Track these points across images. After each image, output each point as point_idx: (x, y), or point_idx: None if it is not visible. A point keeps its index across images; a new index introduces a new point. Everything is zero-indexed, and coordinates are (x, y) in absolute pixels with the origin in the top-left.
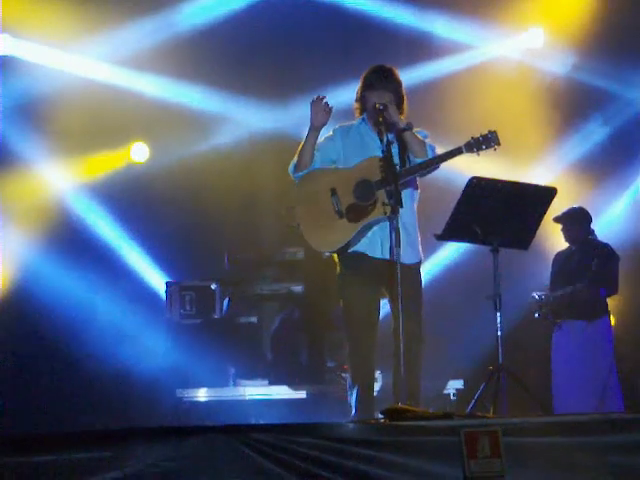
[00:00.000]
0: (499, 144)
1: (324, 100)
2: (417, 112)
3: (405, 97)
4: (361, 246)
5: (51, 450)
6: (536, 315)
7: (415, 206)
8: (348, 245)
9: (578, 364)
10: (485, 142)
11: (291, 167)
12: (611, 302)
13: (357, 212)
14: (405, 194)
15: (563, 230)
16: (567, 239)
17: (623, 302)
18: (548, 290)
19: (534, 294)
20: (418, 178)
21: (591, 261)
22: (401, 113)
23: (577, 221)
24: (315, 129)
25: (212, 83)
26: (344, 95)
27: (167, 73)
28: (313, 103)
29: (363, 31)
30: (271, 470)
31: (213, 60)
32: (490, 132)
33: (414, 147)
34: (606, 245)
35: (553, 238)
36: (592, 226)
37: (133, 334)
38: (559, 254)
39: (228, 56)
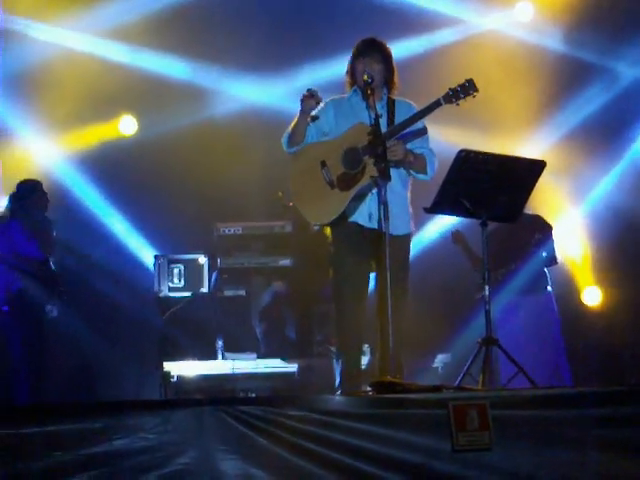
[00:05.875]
0: (477, 90)
1: (314, 94)
2: (406, 86)
3: (395, 70)
4: (354, 216)
5: (39, 422)
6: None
7: (408, 179)
8: (344, 215)
9: (528, 341)
10: (463, 91)
11: (285, 138)
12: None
13: (347, 180)
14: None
15: None
16: None
17: (619, 276)
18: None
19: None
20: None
21: (529, 235)
22: (392, 87)
23: None
24: (304, 112)
25: (202, 56)
26: (332, 69)
27: (157, 46)
28: (304, 97)
29: (353, 4)
30: (258, 442)
31: (203, 33)
32: (467, 80)
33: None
34: (538, 216)
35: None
36: None
37: (121, 307)
38: (492, 232)
39: (219, 29)
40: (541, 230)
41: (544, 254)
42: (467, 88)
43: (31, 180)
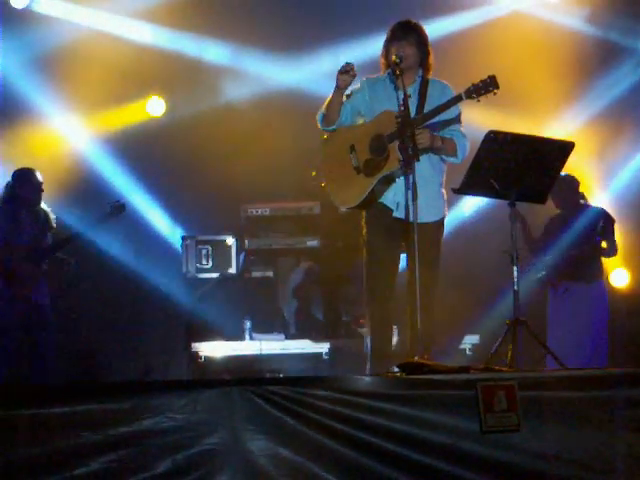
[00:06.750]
0: (498, 88)
1: (351, 69)
2: (434, 68)
3: (431, 53)
4: (384, 199)
5: (67, 402)
6: (539, 275)
7: (442, 164)
8: (372, 198)
9: (574, 326)
10: (484, 87)
11: (319, 115)
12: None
13: (372, 167)
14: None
15: (551, 195)
16: (557, 204)
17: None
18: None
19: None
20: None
21: (593, 224)
22: (428, 69)
23: (564, 187)
24: (340, 89)
25: (230, 37)
26: (362, 50)
27: (184, 27)
28: (341, 70)
29: None
30: (286, 422)
31: (231, 13)
32: (489, 77)
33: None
34: (602, 209)
35: None
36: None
37: (150, 288)
38: (553, 219)
39: (246, 8)
40: (604, 222)
41: (604, 245)
42: (488, 84)
43: (23, 169)
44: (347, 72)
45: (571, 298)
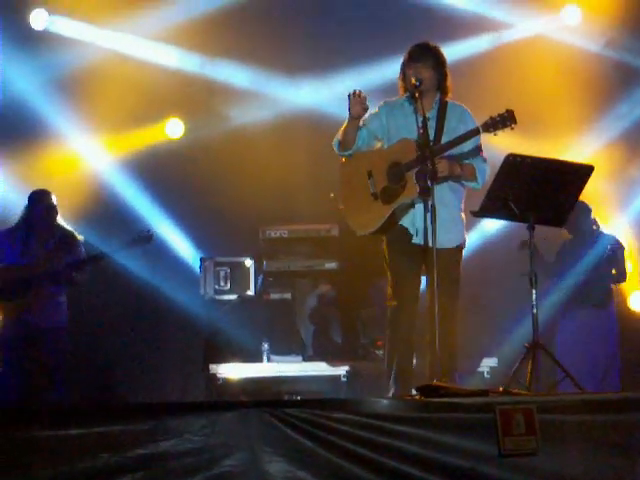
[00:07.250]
0: (515, 123)
1: (361, 95)
2: (453, 90)
3: (449, 75)
4: (403, 222)
5: (85, 423)
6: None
7: (461, 187)
8: (390, 223)
9: (583, 351)
10: (502, 121)
11: (335, 142)
12: None
13: (389, 194)
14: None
15: None
16: (568, 230)
17: None
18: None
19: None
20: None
21: (601, 251)
22: (446, 92)
23: (574, 213)
24: (353, 118)
25: (247, 59)
26: (377, 73)
27: (203, 49)
28: (350, 97)
29: (398, 7)
30: (304, 445)
31: (249, 36)
32: (507, 111)
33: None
34: (613, 236)
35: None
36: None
37: (168, 309)
38: (565, 244)
39: (264, 31)
40: (612, 249)
41: (614, 271)
42: (506, 119)
43: (35, 191)
44: (356, 98)
45: (578, 323)
